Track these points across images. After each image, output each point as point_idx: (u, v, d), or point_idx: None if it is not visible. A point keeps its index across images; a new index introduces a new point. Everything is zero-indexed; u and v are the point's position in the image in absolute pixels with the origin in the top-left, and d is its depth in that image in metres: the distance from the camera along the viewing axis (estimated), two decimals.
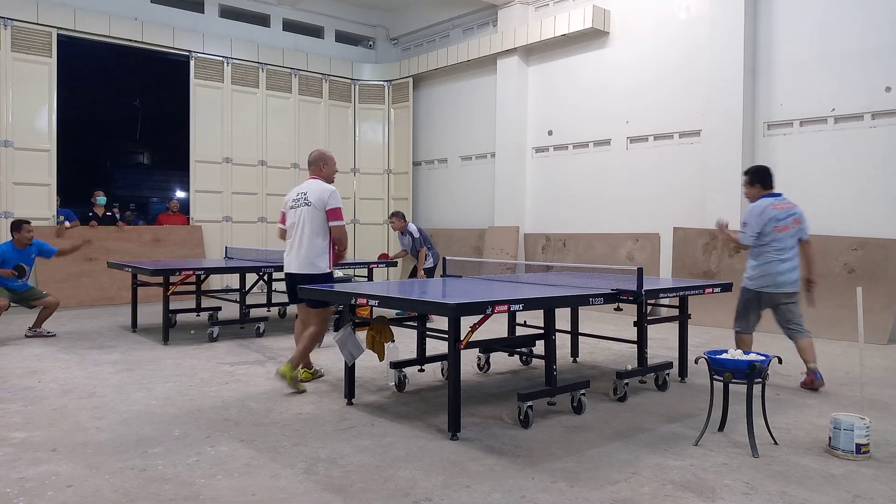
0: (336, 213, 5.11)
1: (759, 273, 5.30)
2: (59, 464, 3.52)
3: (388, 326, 4.96)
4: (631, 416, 4.49)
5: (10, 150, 10.13)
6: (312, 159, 5.33)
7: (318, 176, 5.27)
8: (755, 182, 5.46)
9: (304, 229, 5.13)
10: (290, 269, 5.21)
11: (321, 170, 5.28)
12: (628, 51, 10.35)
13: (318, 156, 5.33)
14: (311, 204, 5.10)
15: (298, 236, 5.16)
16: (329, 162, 5.33)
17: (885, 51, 7.83)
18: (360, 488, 3.22)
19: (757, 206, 5.32)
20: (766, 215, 5.25)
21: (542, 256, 11.29)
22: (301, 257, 5.14)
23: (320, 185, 5.17)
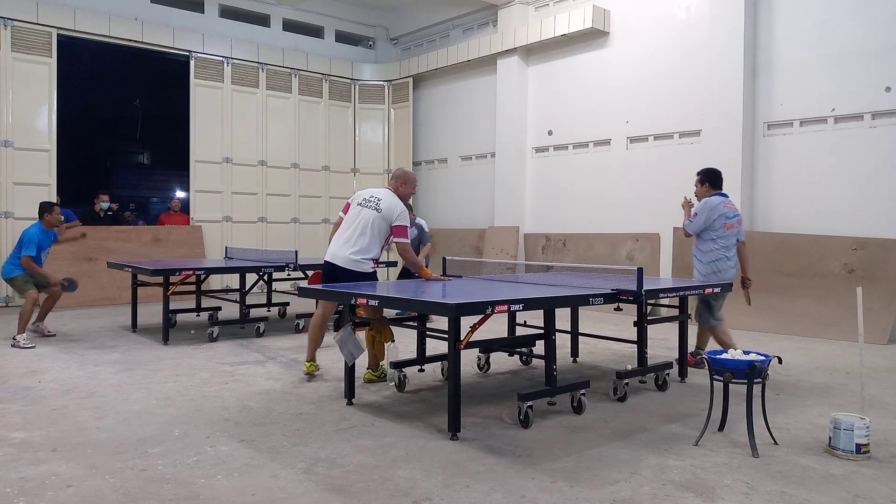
0: (402, 231, 5.21)
1: (711, 269, 5.75)
2: (59, 464, 3.52)
3: (388, 326, 4.96)
4: (631, 416, 4.49)
5: (10, 150, 10.13)
6: (398, 174, 5.45)
7: (395, 190, 5.34)
8: (705, 182, 5.95)
9: (364, 229, 5.18)
10: (335, 261, 5.21)
11: (398, 187, 5.35)
12: (628, 51, 10.35)
13: (402, 175, 5.44)
14: (382, 211, 5.17)
15: (357, 233, 5.19)
16: (409, 182, 5.41)
17: (885, 51, 7.83)
18: (360, 488, 3.22)
19: (711, 202, 5.77)
20: (717, 211, 5.72)
21: (542, 256, 11.29)
22: (346, 253, 5.16)
23: (395, 200, 5.24)
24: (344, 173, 13.88)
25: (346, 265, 5.14)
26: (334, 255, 5.21)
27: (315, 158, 13.34)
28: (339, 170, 13.77)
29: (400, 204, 5.25)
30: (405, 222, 5.21)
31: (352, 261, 5.13)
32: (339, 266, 5.16)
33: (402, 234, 5.20)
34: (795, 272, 8.19)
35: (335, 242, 5.28)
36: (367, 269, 5.17)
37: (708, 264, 5.77)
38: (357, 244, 5.16)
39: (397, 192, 5.31)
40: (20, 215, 10.12)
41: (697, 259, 5.88)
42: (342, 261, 5.16)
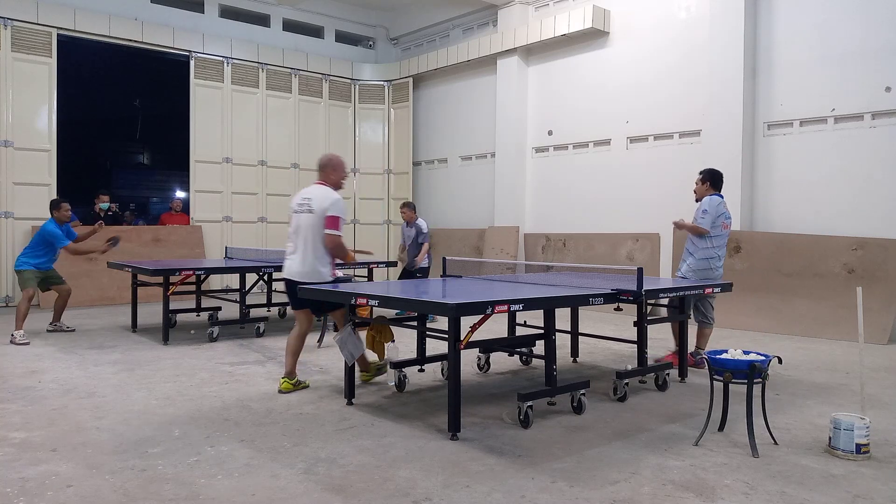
0: (332, 222, 4.89)
1: (702, 266, 5.83)
2: (59, 464, 3.52)
3: (388, 326, 4.96)
4: (631, 416, 4.49)
5: (10, 150, 10.13)
6: (321, 164, 5.17)
7: (325, 182, 5.09)
8: (707, 181, 6.02)
9: (305, 237, 4.94)
10: (292, 277, 5.00)
11: (329, 176, 5.11)
12: (628, 51, 10.35)
13: (327, 161, 5.17)
14: (314, 211, 4.92)
15: (301, 243, 4.96)
16: (338, 168, 5.14)
17: (885, 51, 7.83)
18: (360, 488, 3.22)
19: (714, 200, 5.87)
20: (719, 210, 5.83)
21: (542, 256, 11.28)
22: (302, 266, 4.94)
23: (324, 192, 4.99)
24: None
25: (304, 279, 4.91)
26: (290, 272, 5.02)
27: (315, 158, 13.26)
28: None
29: (332, 195, 4.97)
30: (338, 212, 4.91)
31: (307, 273, 4.91)
32: (297, 282, 4.95)
33: (332, 225, 4.88)
34: (795, 272, 8.20)
35: (287, 258, 5.09)
36: (326, 275, 4.95)
37: (700, 260, 5.84)
38: (305, 255, 4.93)
39: (328, 183, 5.06)
40: (20, 215, 10.12)
41: (690, 253, 5.93)
42: (298, 276, 4.95)
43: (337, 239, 4.90)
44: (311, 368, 5.93)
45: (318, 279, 4.91)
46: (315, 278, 4.90)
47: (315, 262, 4.92)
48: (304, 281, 4.87)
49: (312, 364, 6.11)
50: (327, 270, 4.97)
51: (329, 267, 4.98)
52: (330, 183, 5.07)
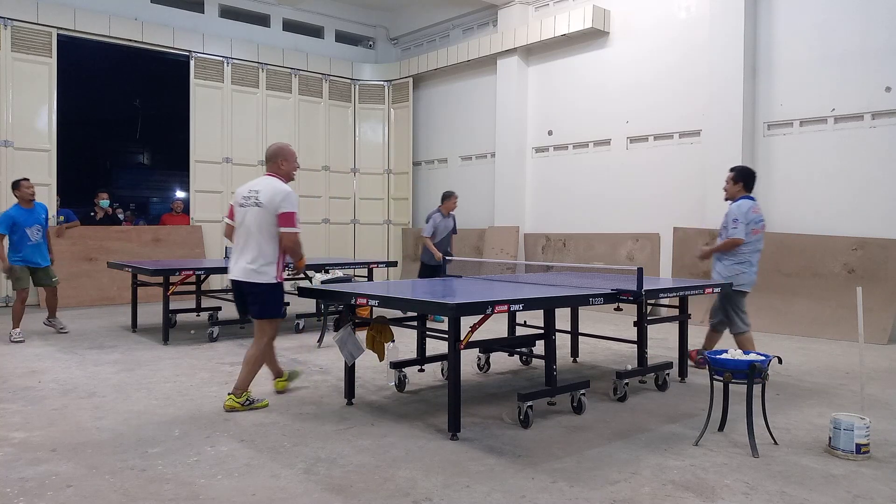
0: (288, 219, 4.46)
1: (732, 272, 5.61)
2: (59, 464, 3.52)
3: (388, 326, 4.96)
4: (631, 416, 4.49)
5: (10, 150, 10.12)
6: (270, 154, 4.71)
7: (275, 173, 4.65)
8: (739, 181, 5.72)
9: (251, 232, 4.51)
10: (234, 276, 4.60)
11: (279, 167, 4.66)
12: (628, 51, 10.35)
13: (276, 151, 4.71)
14: (262, 205, 4.47)
15: (245, 240, 4.55)
16: (289, 158, 4.70)
17: (885, 51, 7.83)
18: (360, 488, 3.22)
19: (744, 205, 5.60)
20: (750, 216, 5.58)
21: (542, 256, 11.28)
22: (246, 264, 4.52)
23: (275, 185, 4.54)
24: (344, 173, 13.88)
25: (246, 277, 4.51)
26: (233, 271, 4.60)
27: (315, 158, 13.34)
28: (339, 170, 13.76)
29: (283, 188, 4.53)
30: (292, 208, 4.47)
31: (250, 271, 4.49)
32: (242, 281, 4.55)
33: (289, 223, 4.45)
34: (795, 272, 8.19)
35: (232, 256, 4.67)
36: (270, 278, 4.51)
37: (729, 266, 5.60)
38: (250, 252, 4.51)
39: (279, 175, 4.64)
40: None
41: (719, 260, 5.70)
42: (241, 274, 4.53)
43: (295, 237, 4.50)
44: (311, 368, 5.93)
45: (263, 280, 4.50)
46: (259, 279, 4.49)
47: (259, 263, 4.49)
48: (245, 280, 4.51)
49: (312, 364, 6.12)
50: (273, 272, 4.52)
51: (275, 267, 4.53)
52: (281, 174, 4.65)
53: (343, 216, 13.85)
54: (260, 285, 4.51)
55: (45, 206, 7.55)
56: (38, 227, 7.27)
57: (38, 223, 7.29)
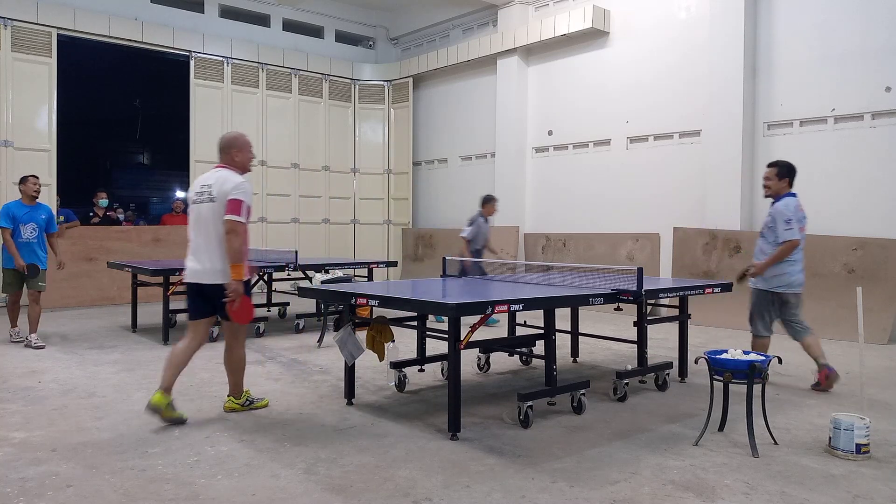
0: (234, 206, 4.11)
1: (775, 272, 5.23)
2: (59, 464, 3.52)
3: (388, 326, 4.96)
4: (631, 416, 4.49)
5: (10, 150, 10.12)
6: (223, 145, 4.38)
7: (229, 165, 4.34)
8: (784, 177, 5.33)
9: (207, 230, 4.21)
10: (194, 279, 4.26)
11: (233, 158, 4.35)
12: (628, 51, 10.35)
13: (230, 141, 4.39)
14: (216, 199, 4.17)
15: (203, 239, 4.23)
16: (244, 148, 4.39)
17: (885, 51, 7.83)
18: (360, 488, 3.22)
19: (791, 203, 5.23)
20: (798, 213, 5.22)
21: (542, 256, 11.28)
22: (207, 265, 4.21)
23: (227, 176, 4.24)
24: (344, 173, 13.88)
25: (213, 279, 4.18)
26: (194, 273, 4.27)
27: (315, 158, 13.34)
28: (339, 170, 13.77)
29: (235, 178, 4.23)
30: (242, 196, 4.15)
31: (215, 274, 4.18)
32: (204, 284, 4.23)
33: (234, 210, 4.10)
34: None
35: (188, 259, 4.32)
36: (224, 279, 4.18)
37: (773, 267, 5.22)
38: (211, 251, 4.19)
39: (233, 166, 4.34)
40: None
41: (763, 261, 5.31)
42: (205, 276, 4.22)
43: (237, 226, 4.09)
44: (311, 368, 5.93)
45: (224, 280, 4.16)
46: (220, 279, 4.17)
47: (220, 259, 4.17)
48: (211, 282, 4.19)
49: (312, 364, 6.12)
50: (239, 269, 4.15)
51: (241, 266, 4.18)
52: (235, 166, 4.34)
53: (343, 216, 13.85)
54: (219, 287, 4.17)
55: (48, 209, 7.26)
56: (33, 226, 6.98)
57: (35, 222, 6.99)
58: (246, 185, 4.22)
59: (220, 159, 4.38)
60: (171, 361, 4.30)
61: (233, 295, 4.08)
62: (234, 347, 4.45)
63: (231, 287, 4.09)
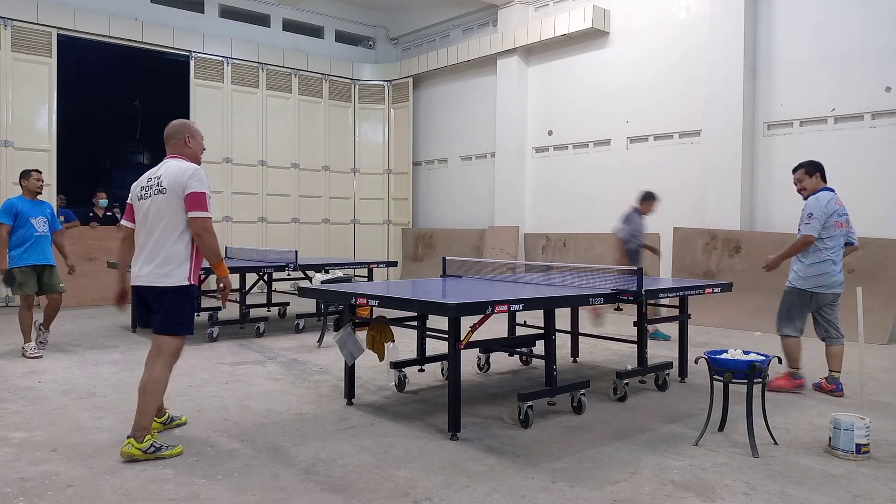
0: (197, 200, 3.62)
1: (812, 272, 5.07)
2: (59, 464, 3.52)
3: (388, 326, 4.96)
4: (631, 416, 4.49)
5: (10, 150, 10.12)
6: (172, 132, 3.88)
7: (179, 154, 3.85)
8: (814, 173, 5.23)
9: (153, 226, 3.68)
10: (138, 282, 3.73)
11: (186, 145, 3.87)
12: (628, 51, 10.35)
13: (180, 127, 3.90)
14: (167, 190, 3.65)
15: (147, 236, 3.72)
16: (196, 135, 3.92)
17: (885, 51, 7.83)
18: (360, 488, 3.22)
19: (822, 198, 5.07)
20: (830, 208, 5.03)
21: (542, 256, 11.28)
22: (150, 265, 3.68)
23: (181, 164, 3.74)
24: (344, 173, 13.88)
25: (151, 282, 3.67)
26: (136, 277, 3.73)
27: (315, 158, 13.35)
28: (339, 170, 13.77)
29: (189, 166, 3.73)
30: (202, 188, 3.65)
31: (158, 275, 3.65)
32: (143, 287, 3.71)
33: (199, 206, 3.62)
34: None
35: (134, 261, 3.80)
36: (181, 280, 3.66)
37: (810, 266, 5.06)
38: (156, 253, 3.66)
39: (185, 155, 3.86)
40: None
41: (799, 261, 5.16)
42: (145, 279, 3.69)
43: (206, 223, 3.66)
44: (311, 368, 5.93)
45: (170, 283, 3.65)
46: (162, 283, 3.65)
47: (171, 263, 3.66)
48: (150, 285, 3.69)
49: (312, 364, 6.12)
50: (183, 273, 3.68)
51: (187, 267, 3.69)
52: (187, 156, 3.86)
53: (343, 216, 13.85)
54: (165, 290, 3.65)
55: (51, 206, 6.96)
56: (43, 219, 6.58)
57: (44, 215, 6.61)
58: (202, 174, 3.71)
59: (170, 149, 3.87)
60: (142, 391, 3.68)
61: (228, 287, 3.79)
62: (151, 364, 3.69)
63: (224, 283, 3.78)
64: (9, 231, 6.32)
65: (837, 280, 5.08)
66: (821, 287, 5.07)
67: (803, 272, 5.12)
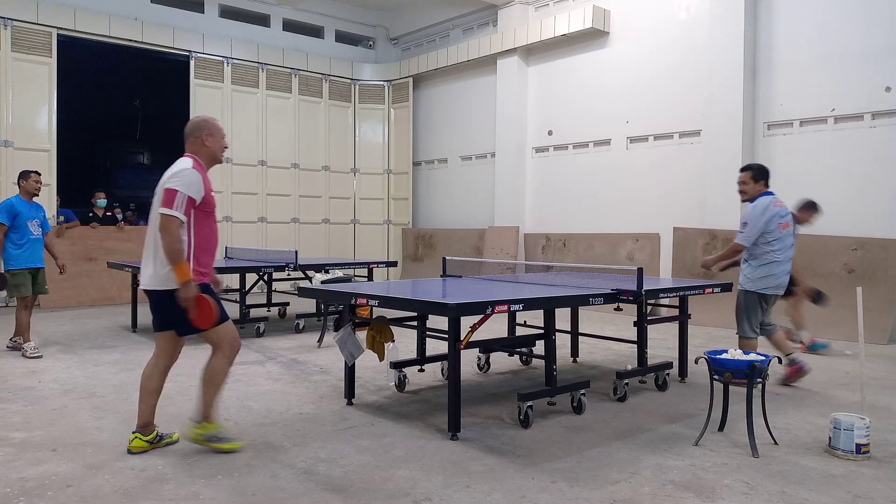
0: (167, 197, 3.46)
1: (761, 273, 5.19)
2: (59, 464, 3.52)
3: (388, 326, 4.96)
4: (631, 416, 4.49)
5: (10, 150, 10.12)
6: (190, 129, 3.72)
7: (195, 153, 3.68)
8: (760, 179, 5.32)
9: (153, 226, 3.59)
10: (143, 285, 3.70)
11: (203, 143, 3.70)
12: (628, 51, 10.35)
13: (199, 124, 3.73)
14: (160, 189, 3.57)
15: (149, 235, 3.64)
16: (215, 132, 3.72)
17: (885, 51, 7.83)
18: (360, 488, 3.22)
19: (759, 205, 5.19)
20: (769, 213, 5.16)
21: (542, 256, 11.28)
22: (150, 267, 3.62)
23: (177, 164, 3.61)
24: (344, 173, 13.88)
25: (150, 285, 3.63)
26: (142, 279, 3.72)
27: (315, 158, 13.34)
28: (339, 170, 13.77)
29: (181, 164, 3.59)
30: (178, 185, 3.48)
31: (156, 277, 3.58)
32: (146, 290, 3.70)
33: (166, 202, 3.45)
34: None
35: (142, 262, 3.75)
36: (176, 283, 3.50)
37: (758, 269, 5.18)
38: (155, 253, 3.57)
39: (201, 154, 3.70)
40: None
41: (748, 263, 5.25)
42: (148, 282, 3.65)
43: (166, 220, 3.44)
44: (311, 368, 5.93)
45: (165, 287, 3.55)
46: (160, 286, 3.58)
47: (156, 261, 3.57)
48: (149, 288, 3.66)
49: (312, 364, 6.12)
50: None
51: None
52: (202, 155, 3.70)
53: (343, 216, 13.85)
54: (163, 294, 3.57)
55: (43, 208, 6.89)
56: (37, 222, 6.60)
57: (38, 218, 6.62)
58: (188, 173, 3.52)
59: (187, 147, 3.71)
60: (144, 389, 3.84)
61: (184, 302, 3.47)
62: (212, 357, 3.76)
63: (180, 294, 3.46)
64: (5, 232, 6.34)
65: (785, 281, 5.26)
66: (768, 288, 5.22)
67: (752, 274, 5.25)
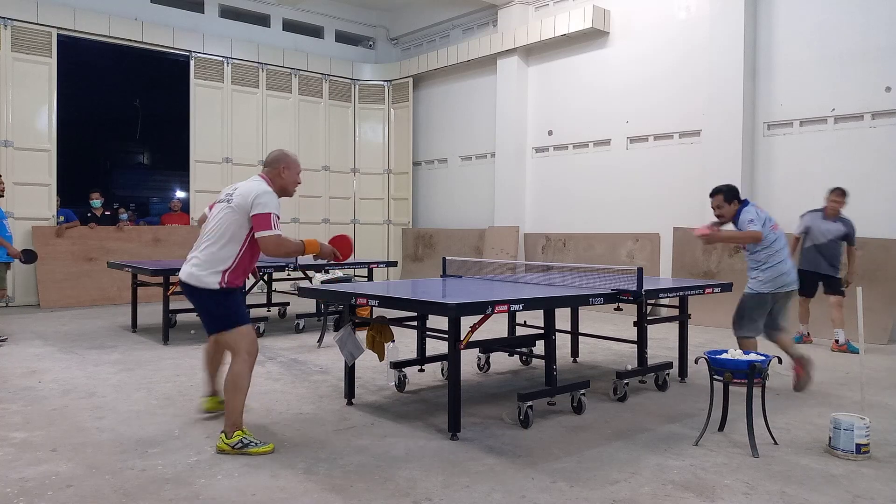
0: (263, 221, 3.77)
1: (773, 275, 5.17)
2: (59, 464, 3.52)
3: (388, 326, 4.96)
4: (631, 416, 4.49)
5: (10, 150, 10.12)
6: (270, 159, 4.08)
7: (268, 178, 4.01)
8: (732, 200, 5.32)
9: (213, 232, 3.88)
10: (182, 276, 3.95)
11: (280, 175, 4.01)
12: (628, 51, 10.35)
13: (279, 157, 4.07)
14: (233, 205, 3.84)
15: (205, 239, 3.93)
16: (292, 167, 4.06)
17: (885, 51, 7.83)
18: (360, 488, 3.22)
19: (749, 210, 5.23)
20: (763, 213, 5.22)
21: (542, 256, 11.28)
22: (192, 264, 3.90)
23: (256, 185, 3.90)
24: (344, 173, 13.88)
25: (188, 280, 3.88)
26: (182, 270, 3.96)
27: (315, 158, 13.33)
28: (339, 170, 13.77)
29: (262, 186, 3.88)
30: (269, 208, 3.78)
31: (193, 275, 3.85)
32: (184, 283, 3.93)
33: (264, 226, 3.76)
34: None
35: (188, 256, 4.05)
36: (213, 284, 3.80)
37: (769, 270, 5.17)
38: (203, 253, 3.87)
39: (275, 183, 3.98)
40: (20, 215, 10.11)
41: (758, 270, 5.24)
42: (185, 275, 3.91)
43: (274, 240, 3.80)
44: (311, 368, 5.93)
45: (202, 285, 3.83)
46: (196, 283, 3.85)
47: (206, 268, 3.84)
48: (186, 283, 3.91)
49: (312, 364, 6.12)
50: (216, 280, 3.81)
51: (221, 275, 3.82)
52: (275, 184, 3.99)
53: (343, 216, 13.85)
54: (199, 291, 3.86)
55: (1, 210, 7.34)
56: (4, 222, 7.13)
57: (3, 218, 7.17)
58: (272, 196, 3.85)
59: (265, 172, 4.04)
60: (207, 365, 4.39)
61: (326, 256, 4.12)
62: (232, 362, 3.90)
63: (322, 256, 4.11)
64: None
65: (794, 277, 5.28)
66: (784, 286, 5.23)
67: (764, 278, 5.22)
